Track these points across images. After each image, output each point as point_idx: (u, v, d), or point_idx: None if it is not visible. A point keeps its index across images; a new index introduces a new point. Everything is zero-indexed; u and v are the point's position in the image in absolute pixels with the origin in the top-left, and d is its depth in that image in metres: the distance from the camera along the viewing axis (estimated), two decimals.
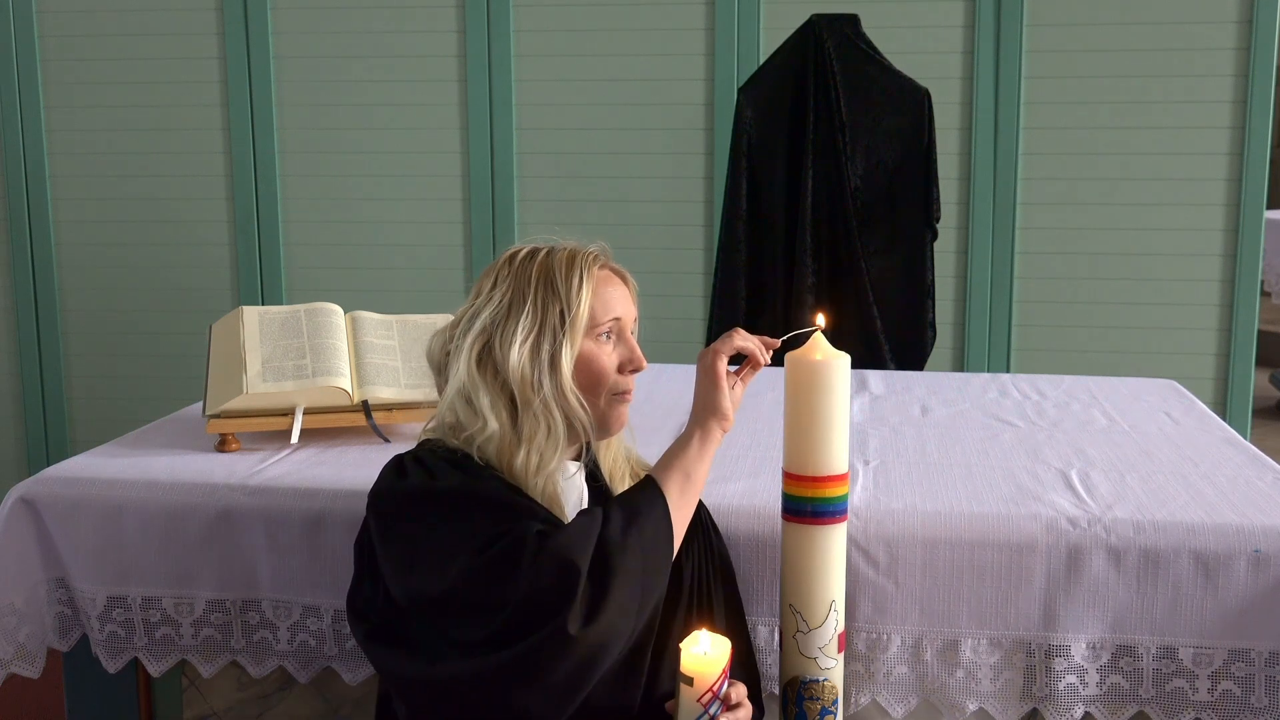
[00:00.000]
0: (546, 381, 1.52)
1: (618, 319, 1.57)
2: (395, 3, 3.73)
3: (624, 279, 1.62)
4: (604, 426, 1.58)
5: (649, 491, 1.49)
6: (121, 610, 1.85)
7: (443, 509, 1.45)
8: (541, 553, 1.37)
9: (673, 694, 1.48)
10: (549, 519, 1.47)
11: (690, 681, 1.43)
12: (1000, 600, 1.69)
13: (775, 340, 1.58)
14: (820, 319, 1.57)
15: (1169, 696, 1.68)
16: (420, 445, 1.58)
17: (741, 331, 1.57)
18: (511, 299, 1.54)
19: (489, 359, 1.53)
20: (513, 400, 1.52)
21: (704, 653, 1.43)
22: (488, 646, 1.38)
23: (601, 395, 1.56)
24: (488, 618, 1.38)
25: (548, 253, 1.57)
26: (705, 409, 1.54)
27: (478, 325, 1.54)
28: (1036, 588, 1.69)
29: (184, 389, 3.67)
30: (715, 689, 1.42)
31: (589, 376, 1.55)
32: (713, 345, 1.56)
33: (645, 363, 1.58)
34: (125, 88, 3.87)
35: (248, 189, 3.85)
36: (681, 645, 1.45)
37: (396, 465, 1.53)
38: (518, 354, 1.51)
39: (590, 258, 1.57)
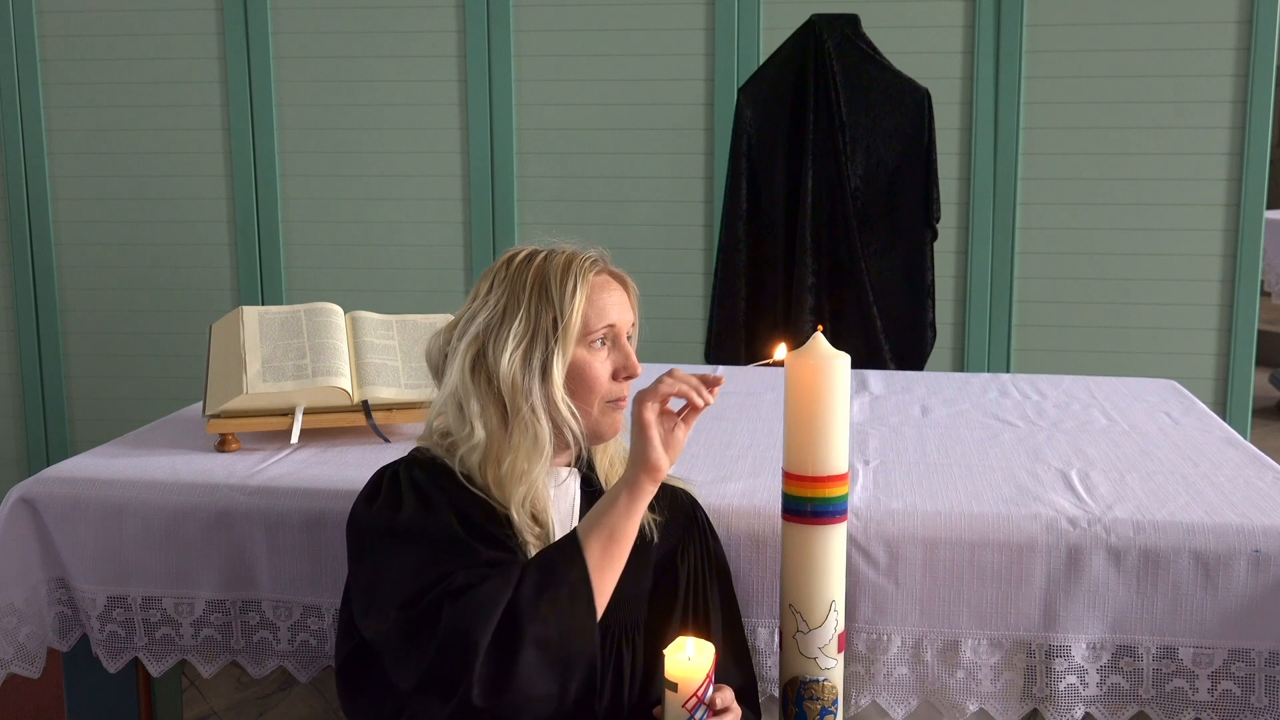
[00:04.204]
0: (537, 389, 1.51)
1: (612, 326, 1.55)
2: (395, 3, 3.73)
3: (624, 284, 1.60)
4: (597, 433, 1.57)
5: (568, 552, 1.43)
6: (121, 610, 1.85)
7: (393, 547, 1.46)
8: (450, 621, 1.36)
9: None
10: (492, 559, 1.43)
11: (675, 687, 1.42)
12: (1000, 600, 1.69)
13: (718, 377, 1.48)
14: (781, 350, 1.53)
15: (1169, 696, 1.68)
16: (410, 454, 1.59)
17: (677, 372, 1.48)
18: (506, 304, 1.53)
19: (482, 365, 1.53)
20: (505, 406, 1.52)
21: (688, 658, 1.43)
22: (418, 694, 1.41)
23: (595, 403, 1.55)
24: (412, 673, 1.40)
25: (545, 257, 1.55)
26: (634, 460, 1.45)
27: (472, 330, 1.54)
28: (1036, 588, 1.69)
29: (184, 389, 3.67)
30: (700, 694, 1.42)
31: (582, 384, 1.54)
32: (640, 391, 1.47)
33: (640, 369, 1.56)
34: (125, 88, 3.87)
35: (248, 189, 3.85)
36: (665, 651, 1.45)
37: (373, 485, 1.54)
38: (509, 361, 1.51)
39: (587, 264, 1.55)
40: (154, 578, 1.84)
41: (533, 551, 1.50)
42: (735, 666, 1.63)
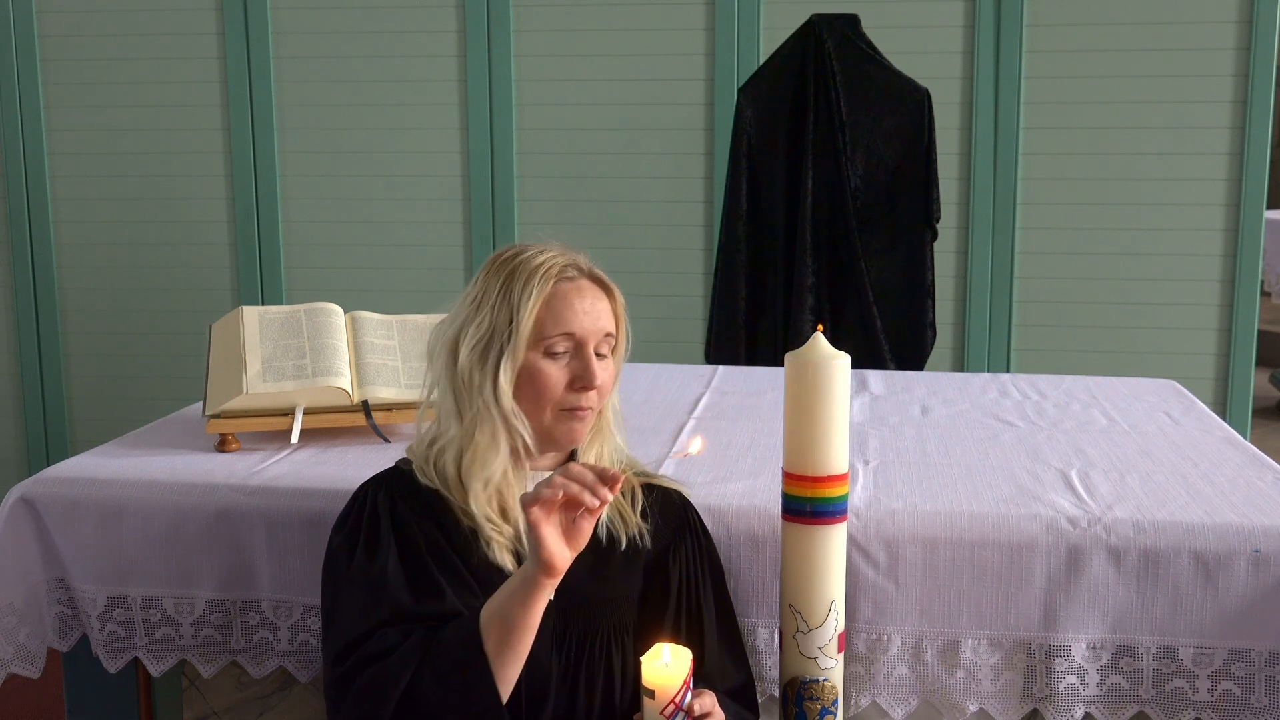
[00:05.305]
0: (488, 388, 1.51)
1: (570, 335, 1.52)
2: (395, 3, 3.73)
3: (608, 293, 1.57)
4: (551, 441, 1.56)
5: (467, 640, 1.40)
6: (121, 610, 1.85)
7: (342, 589, 1.50)
8: (358, 693, 1.41)
9: None
10: (422, 613, 1.45)
11: (652, 694, 1.41)
12: (1000, 600, 1.69)
13: (616, 474, 1.35)
14: (696, 444, 1.48)
15: (1169, 696, 1.68)
16: (393, 466, 1.61)
17: (573, 469, 1.36)
18: (480, 300, 1.54)
19: (455, 359, 1.54)
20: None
21: (665, 665, 1.42)
22: None
23: (547, 410, 1.53)
24: None
25: (525, 257, 1.54)
26: (530, 556, 1.37)
27: (453, 324, 1.56)
28: (1036, 588, 1.69)
29: (184, 389, 3.67)
30: (678, 701, 1.41)
31: (532, 390, 1.52)
32: (525, 495, 1.38)
33: (596, 381, 1.52)
34: (125, 88, 3.87)
35: (248, 189, 3.85)
36: (642, 659, 1.44)
37: (347, 507, 1.56)
38: (467, 357, 1.52)
39: (553, 269, 1.52)
40: (154, 578, 1.84)
41: (497, 553, 1.50)
42: (732, 666, 1.63)
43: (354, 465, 1.92)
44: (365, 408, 2.06)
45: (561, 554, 1.35)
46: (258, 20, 3.76)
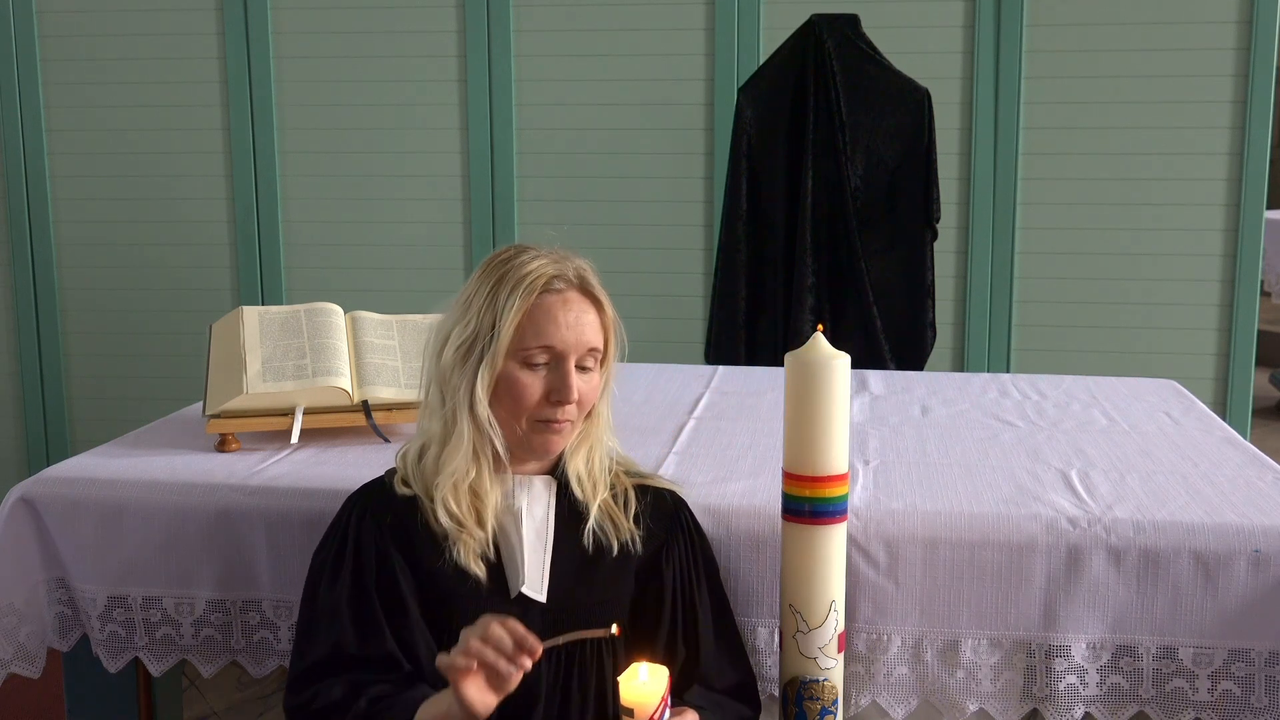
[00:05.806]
0: (464, 391, 1.51)
1: (550, 348, 1.51)
2: (395, 3, 3.73)
3: (598, 306, 1.55)
4: (528, 450, 1.56)
5: None
6: (122, 610, 1.85)
7: (306, 608, 1.54)
8: None
9: None
10: (363, 653, 1.48)
11: (630, 713, 1.41)
12: (1000, 600, 1.69)
13: (535, 646, 1.31)
14: (614, 629, 1.45)
15: (1169, 696, 1.68)
16: (381, 476, 1.62)
17: (492, 632, 1.31)
18: (470, 300, 1.53)
19: (440, 356, 1.55)
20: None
21: (642, 683, 1.42)
22: None
23: (522, 419, 1.53)
24: None
25: (518, 262, 1.53)
26: (455, 697, 1.34)
27: (447, 322, 1.56)
28: (1036, 588, 1.69)
29: (184, 389, 3.67)
30: (656, 718, 1.41)
31: (508, 398, 1.52)
32: (441, 656, 1.34)
33: (572, 396, 1.51)
34: (125, 88, 3.87)
35: (248, 189, 3.85)
36: (620, 679, 1.43)
37: (329, 526, 1.58)
38: (450, 356, 1.53)
39: (540, 279, 1.51)
40: (154, 578, 1.84)
41: (464, 557, 1.50)
42: (729, 665, 1.63)
43: (354, 465, 1.92)
44: (365, 408, 2.06)
45: (484, 704, 1.32)
46: (258, 20, 3.76)
